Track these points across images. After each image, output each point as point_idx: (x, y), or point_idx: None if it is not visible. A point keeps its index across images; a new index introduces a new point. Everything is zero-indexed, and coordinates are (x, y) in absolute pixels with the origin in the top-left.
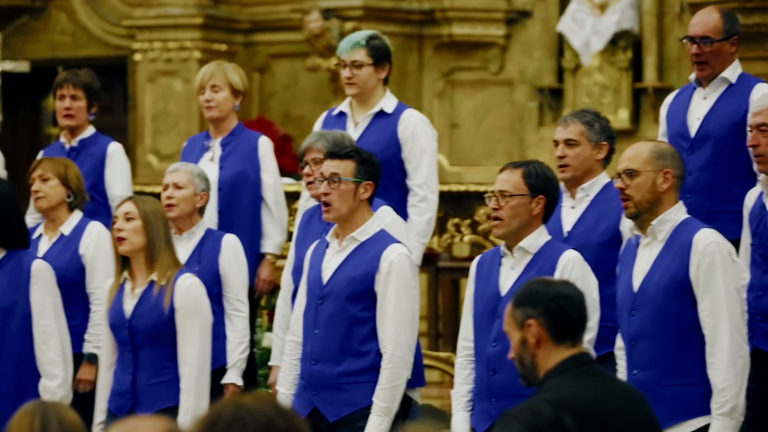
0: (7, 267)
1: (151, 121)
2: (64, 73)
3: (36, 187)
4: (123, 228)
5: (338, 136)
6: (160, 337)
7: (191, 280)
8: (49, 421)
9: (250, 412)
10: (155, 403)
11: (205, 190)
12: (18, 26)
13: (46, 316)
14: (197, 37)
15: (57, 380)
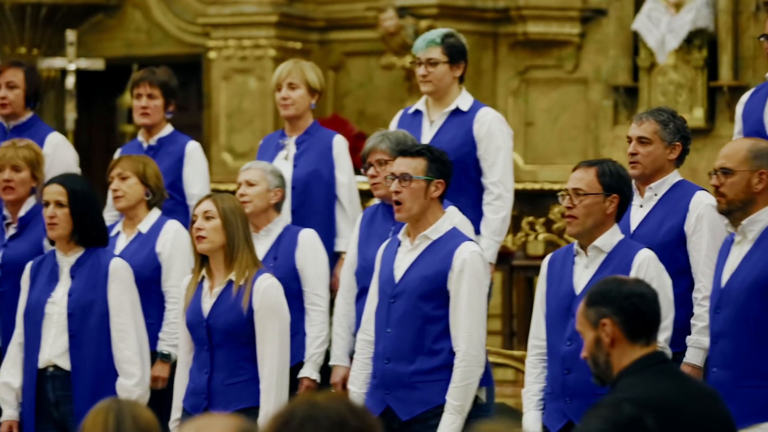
0: (86, 265)
1: (226, 119)
2: (142, 71)
3: (115, 186)
4: (203, 227)
5: (400, 135)
6: (237, 337)
7: (270, 280)
8: (123, 419)
9: (323, 411)
10: (231, 404)
11: (279, 186)
12: (93, 24)
13: (124, 315)
14: (272, 35)
15: (134, 379)
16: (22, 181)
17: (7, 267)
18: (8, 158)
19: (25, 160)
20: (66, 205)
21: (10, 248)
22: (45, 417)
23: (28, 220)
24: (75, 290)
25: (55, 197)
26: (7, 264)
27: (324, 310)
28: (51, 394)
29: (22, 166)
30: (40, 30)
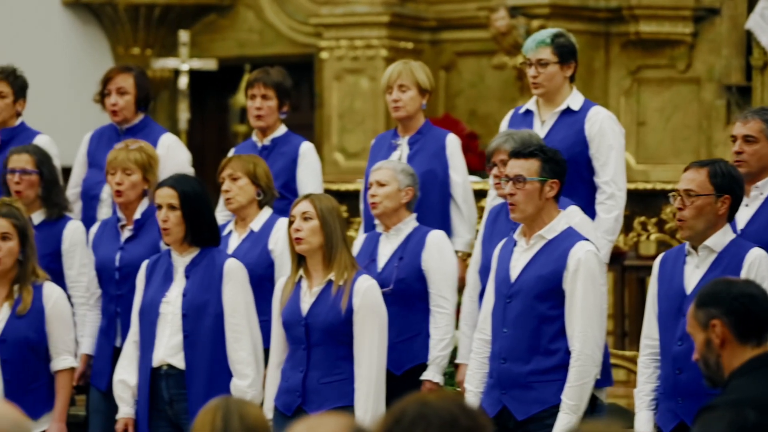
0: (201, 265)
1: (338, 119)
2: (256, 72)
3: (226, 187)
4: (300, 228)
5: (525, 135)
6: (335, 336)
7: (370, 282)
8: (230, 418)
9: (434, 410)
10: (326, 403)
11: (411, 185)
12: (206, 24)
13: (238, 315)
14: (384, 35)
15: (248, 380)
16: (132, 184)
17: (124, 270)
18: (119, 161)
19: (136, 163)
20: (178, 207)
21: (127, 251)
22: (159, 415)
23: (143, 222)
24: (189, 290)
25: (166, 200)
26: (125, 267)
27: (449, 312)
28: (165, 393)
29: (133, 169)
30: (154, 30)
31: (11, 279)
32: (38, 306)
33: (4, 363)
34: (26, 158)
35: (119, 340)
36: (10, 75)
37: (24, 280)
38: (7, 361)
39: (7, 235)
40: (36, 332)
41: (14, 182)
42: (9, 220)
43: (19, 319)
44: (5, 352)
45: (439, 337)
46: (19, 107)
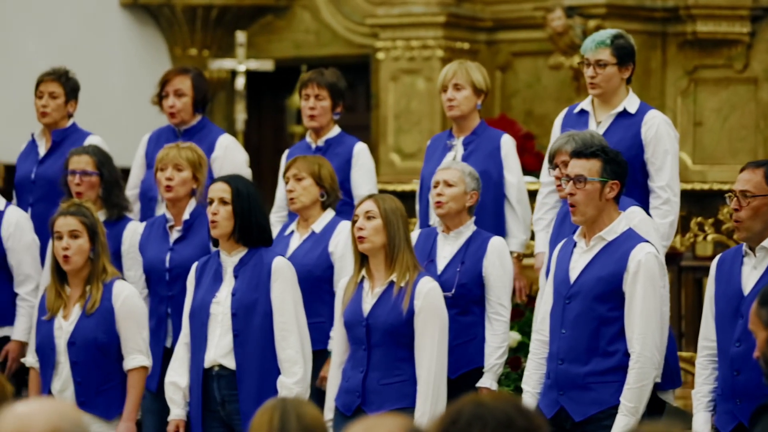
0: (249, 265)
1: (394, 120)
2: (310, 72)
3: (290, 187)
4: (363, 227)
5: (587, 136)
6: (396, 338)
7: (432, 284)
8: (288, 418)
9: (490, 411)
10: (385, 403)
11: (476, 189)
12: (263, 25)
13: (286, 314)
14: (440, 35)
15: (295, 377)
16: (182, 180)
17: (175, 270)
18: (171, 158)
19: (187, 160)
20: (229, 202)
21: (177, 252)
22: (212, 416)
23: (191, 222)
24: (238, 290)
25: (219, 194)
26: (176, 267)
27: (507, 320)
28: (217, 394)
29: (184, 165)
30: (211, 31)
31: (84, 278)
32: (107, 305)
33: (74, 365)
34: (87, 159)
35: (170, 341)
36: (62, 76)
37: (94, 279)
38: (78, 363)
39: (76, 233)
40: (105, 333)
41: (75, 183)
42: (78, 218)
43: (88, 318)
44: (75, 354)
45: (496, 344)
46: (70, 108)
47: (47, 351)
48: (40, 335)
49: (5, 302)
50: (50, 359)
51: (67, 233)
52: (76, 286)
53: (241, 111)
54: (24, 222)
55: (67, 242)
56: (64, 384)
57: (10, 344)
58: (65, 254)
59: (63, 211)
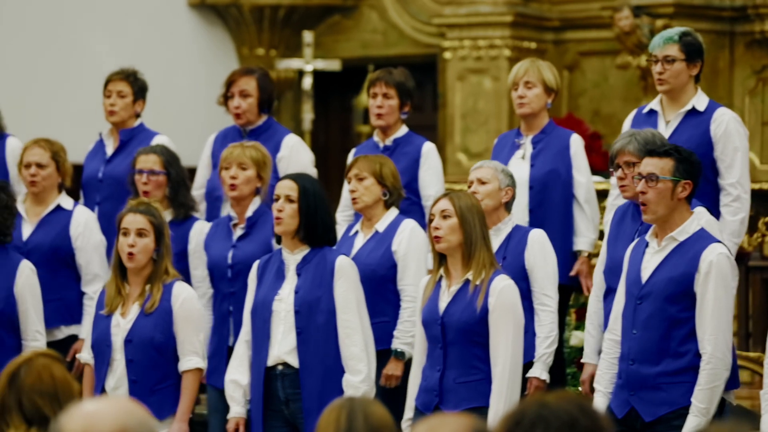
0: (312, 263)
1: (461, 119)
2: (379, 71)
3: (352, 187)
4: (440, 226)
5: (649, 135)
6: (471, 336)
7: (507, 281)
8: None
9: (554, 411)
10: (462, 402)
11: (510, 185)
12: (330, 25)
13: (350, 312)
14: (507, 35)
15: (360, 375)
16: (247, 179)
17: (237, 267)
18: (235, 156)
19: (251, 159)
20: (295, 200)
21: (240, 249)
22: (274, 415)
23: (255, 220)
24: (301, 287)
25: (285, 192)
26: (237, 264)
27: (553, 310)
28: (281, 392)
29: (249, 164)
30: (278, 31)
31: (145, 277)
32: (166, 306)
33: (129, 363)
34: (154, 159)
35: (232, 339)
36: (130, 76)
37: (156, 279)
38: (134, 362)
39: (143, 231)
40: (162, 333)
41: (142, 182)
42: (146, 217)
43: (146, 318)
44: (131, 352)
45: (544, 334)
46: (138, 108)
47: (103, 347)
48: (97, 331)
49: (73, 301)
50: (106, 356)
51: (134, 231)
52: (136, 284)
53: (309, 111)
54: (92, 222)
55: (133, 240)
56: (118, 381)
57: (77, 343)
58: (130, 251)
59: (132, 208)
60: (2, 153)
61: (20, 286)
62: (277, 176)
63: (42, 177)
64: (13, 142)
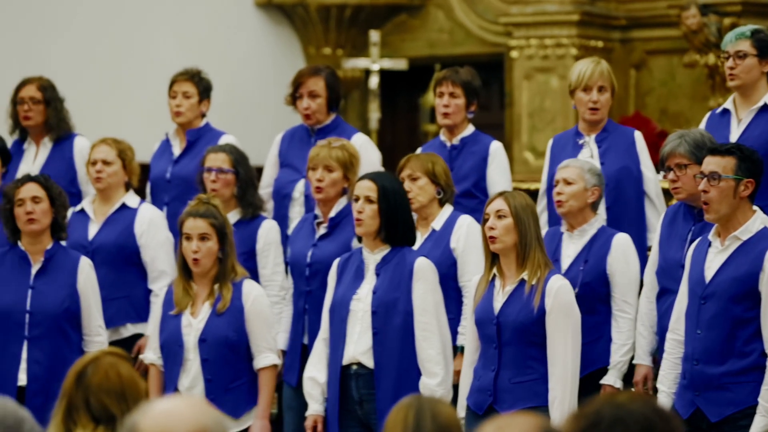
0: (391, 263)
1: (528, 118)
2: (445, 70)
3: (406, 187)
4: (495, 226)
5: (698, 136)
6: (527, 336)
7: (562, 281)
8: (423, 416)
9: (631, 414)
10: (517, 402)
11: (597, 185)
12: (396, 24)
13: (428, 314)
14: (574, 34)
15: (437, 378)
16: (333, 181)
17: (315, 266)
18: (321, 158)
19: (337, 160)
20: (375, 201)
21: (320, 248)
22: (349, 414)
23: (338, 220)
24: (380, 288)
25: (365, 192)
26: (316, 263)
27: (632, 317)
28: (355, 392)
29: (335, 166)
30: (345, 31)
31: (212, 278)
32: (237, 304)
33: (204, 362)
34: (223, 157)
35: (306, 338)
36: (195, 76)
37: (224, 278)
38: (208, 361)
39: (205, 235)
40: (235, 331)
41: (210, 180)
42: (207, 220)
43: (218, 317)
44: (206, 351)
45: (621, 342)
46: (203, 108)
47: (174, 347)
48: (166, 331)
49: (140, 299)
50: (178, 356)
51: (196, 236)
52: (203, 284)
53: (375, 110)
54: (158, 219)
55: (196, 245)
56: (193, 381)
57: (142, 340)
58: (195, 257)
59: (192, 212)
60: (70, 152)
61: (82, 282)
62: None
63: (107, 174)
64: (81, 141)
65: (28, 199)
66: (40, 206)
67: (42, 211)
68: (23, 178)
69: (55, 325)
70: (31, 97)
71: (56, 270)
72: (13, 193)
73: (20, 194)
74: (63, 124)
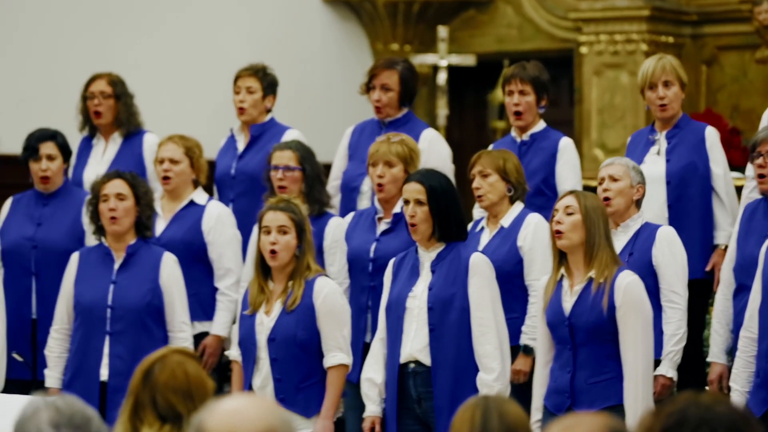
0: (446, 259)
1: (597, 115)
2: (512, 67)
3: (476, 184)
4: (562, 221)
5: None
6: (600, 336)
7: (631, 277)
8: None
9: (717, 416)
10: (595, 402)
11: (641, 182)
12: (465, 20)
13: (484, 309)
14: (644, 29)
15: (494, 373)
16: (394, 177)
17: (378, 262)
18: (381, 153)
19: (397, 155)
20: (425, 203)
21: (383, 243)
22: (407, 413)
23: (401, 215)
24: (435, 284)
25: (414, 195)
26: (379, 258)
27: (682, 307)
28: (413, 391)
29: (395, 161)
30: (412, 26)
31: (288, 275)
32: (308, 302)
33: (273, 362)
34: (289, 155)
35: (369, 335)
36: (259, 71)
37: (298, 276)
38: (278, 360)
39: (284, 228)
40: (305, 330)
41: (278, 179)
42: (287, 214)
43: (288, 315)
44: (275, 350)
45: (671, 332)
46: (268, 103)
47: (249, 346)
48: (242, 330)
49: (208, 297)
50: (252, 355)
51: (275, 228)
52: (279, 281)
53: (443, 106)
54: (225, 216)
55: (275, 237)
56: (264, 380)
57: (207, 339)
58: (272, 249)
59: (272, 205)
60: (140, 149)
61: (165, 277)
62: None
63: (175, 173)
64: (150, 138)
65: (113, 196)
66: (124, 204)
67: (125, 209)
68: (111, 174)
69: (137, 320)
70: (101, 92)
71: (138, 265)
72: (99, 188)
73: (105, 190)
74: (133, 119)
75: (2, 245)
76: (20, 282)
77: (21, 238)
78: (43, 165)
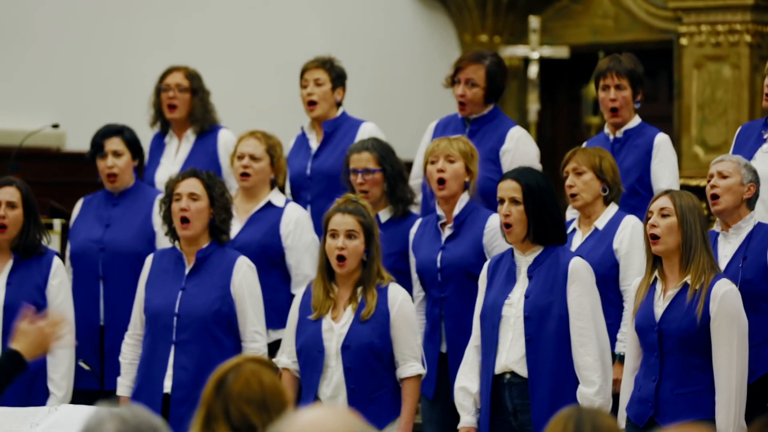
0: (544, 265)
1: (697, 110)
2: (606, 60)
3: (570, 182)
4: (657, 224)
5: None
6: (690, 345)
7: (728, 286)
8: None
9: None
10: (680, 415)
11: (753, 181)
12: (558, 10)
13: (584, 318)
14: (748, 19)
15: (595, 387)
16: (455, 173)
17: (446, 271)
18: (442, 148)
19: (459, 151)
20: (521, 201)
21: (449, 250)
22: (502, 425)
23: (463, 218)
24: (532, 291)
25: (509, 194)
26: (447, 267)
27: None
28: (509, 403)
29: (457, 156)
30: (502, 17)
31: (355, 281)
32: (383, 310)
33: (347, 371)
34: (367, 156)
35: (444, 346)
36: (326, 63)
37: (368, 282)
38: (352, 369)
39: (352, 233)
40: (380, 338)
41: (358, 183)
42: (355, 217)
43: (363, 324)
44: (349, 359)
45: None
46: (338, 96)
47: (314, 353)
48: (304, 335)
49: (284, 303)
50: (317, 362)
51: (343, 232)
52: (346, 287)
53: (534, 101)
54: (305, 220)
55: (343, 242)
56: (335, 390)
57: None
58: (340, 255)
59: (339, 208)
60: (214, 146)
61: (237, 284)
62: (500, 171)
63: (254, 170)
64: (225, 134)
65: (185, 195)
66: (196, 204)
67: (197, 210)
68: (187, 172)
69: (204, 330)
70: (177, 84)
71: (210, 271)
72: (173, 186)
73: (179, 188)
74: (208, 116)
75: (71, 248)
76: (88, 287)
77: (88, 240)
78: (109, 162)
